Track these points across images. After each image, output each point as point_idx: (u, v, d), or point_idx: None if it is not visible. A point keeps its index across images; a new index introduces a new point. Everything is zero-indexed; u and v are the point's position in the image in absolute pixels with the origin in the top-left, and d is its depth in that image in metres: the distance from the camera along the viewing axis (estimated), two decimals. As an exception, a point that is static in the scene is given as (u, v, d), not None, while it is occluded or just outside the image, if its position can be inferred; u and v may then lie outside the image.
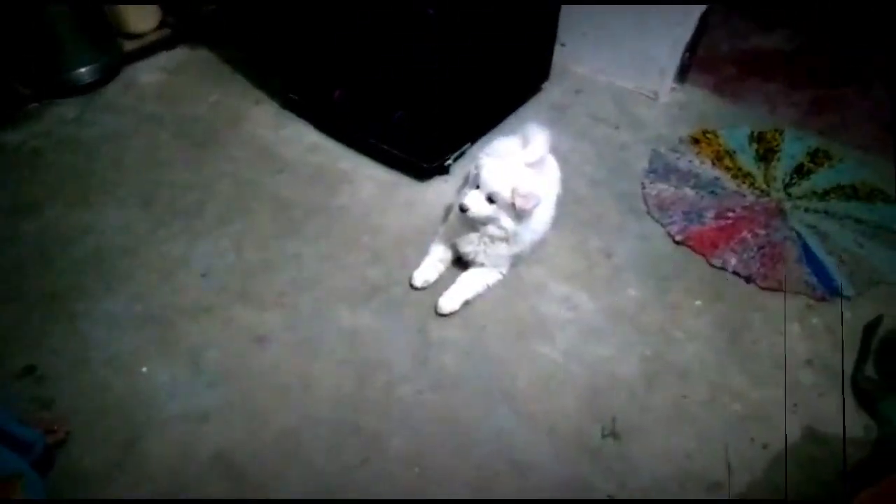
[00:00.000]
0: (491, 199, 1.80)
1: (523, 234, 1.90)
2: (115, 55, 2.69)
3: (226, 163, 2.36)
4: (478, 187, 1.82)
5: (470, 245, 1.92)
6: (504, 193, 1.78)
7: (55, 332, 1.81)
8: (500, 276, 1.98)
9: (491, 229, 1.87)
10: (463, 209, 1.81)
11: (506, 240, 1.88)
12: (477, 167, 1.86)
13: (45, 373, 1.72)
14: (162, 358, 1.77)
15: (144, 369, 1.75)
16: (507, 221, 1.83)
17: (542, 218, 1.97)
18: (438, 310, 1.89)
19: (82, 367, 1.74)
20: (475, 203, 1.81)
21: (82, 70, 2.55)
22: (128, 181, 2.27)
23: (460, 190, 2.17)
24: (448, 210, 2.16)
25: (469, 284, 1.93)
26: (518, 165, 1.86)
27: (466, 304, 1.91)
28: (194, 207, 2.18)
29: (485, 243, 1.91)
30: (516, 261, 2.00)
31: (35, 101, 2.55)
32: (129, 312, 1.87)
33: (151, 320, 1.86)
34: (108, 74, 2.66)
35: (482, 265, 1.95)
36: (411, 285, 1.95)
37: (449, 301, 1.89)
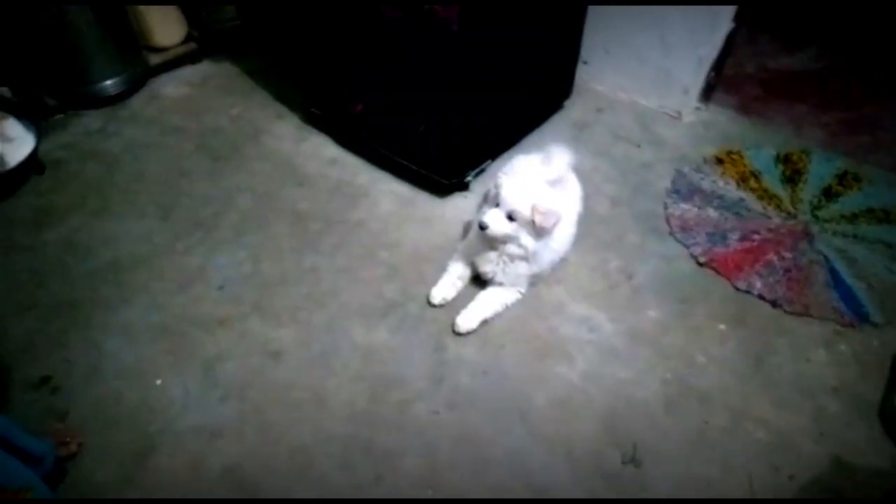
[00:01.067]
0: (511, 217, 1.78)
1: (543, 254, 1.87)
2: (140, 68, 2.73)
3: (246, 175, 2.37)
4: (497, 205, 1.80)
5: (489, 264, 1.90)
6: (524, 211, 1.76)
7: (71, 342, 1.82)
8: (518, 296, 1.95)
9: (510, 248, 1.84)
10: (482, 227, 1.79)
11: (525, 259, 1.86)
12: (497, 185, 1.84)
13: (61, 383, 1.72)
14: (176, 370, 1.76)
15: (158, 381, 1.74)
16: (527, 240, 1.81)
17: (562, 237, 1.94)
18: (456, 328, 1.86)
19: (97, 378, 1.74)
20: (495, 221, 1.79)
21: (108, 82, 2.59)
22: (148, 192, 2.28)
23: (480, 208, 2.15)
24: (467, 227, 2.14)
25: (487, 303, 1.91)
26: (538, 183, 1.84)
27: (484, 323, 1.89)
28: (213, 219, 2.19)
29: (504, 262, 1.88)
30: (535, 280, 1.97)
31: (60, 112, 2.58)
32: (145, 323, 1.87)
33: (167, 332, 1.85)
34: (133, 87, 2.69)
35: (501, 284, 1.92)
36: (429, 302, 1.93)
37: (467, 320, 1.87)
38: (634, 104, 2.75)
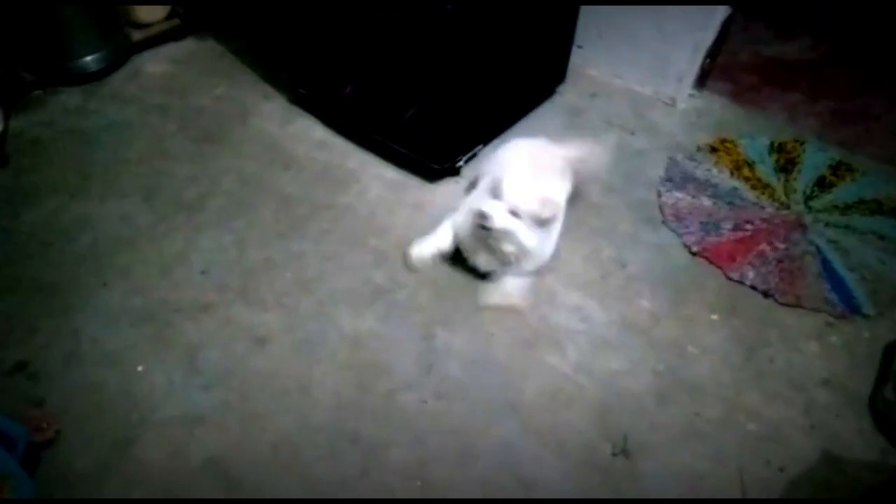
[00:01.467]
0: (514, 213, 1.68)
1: (544, 246, 1.82)
2: (122, 44, 2.64)
3: (231, 157, 2.30)
4: (496, 198, 1.70)
5: (481, 260, 1.85)
6: (528, 207, 1.67)
7: (49, 326, 1.76)
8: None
9: (505, 244, 1.74)
10: (483, 217, 1.67)
11: (518, 259, 1.78)
12: (495, 180, 1.75)
13: (38, 369, 1.67)
14: (158, 357, 1.72)
15: (140, 368, 1.69)
16: (525, 236, 1.71)
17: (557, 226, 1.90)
18: (485, 298, 1.87)
19: (76, 364, 1.69)
20: (497, 214, 1.67)
21: (88, 58, 2.50)
22: (130, 173, 2.21)
23: (467, 192, 2.10)
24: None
25: (514, 285, 1.88)
26: (538, 174, 1.78)
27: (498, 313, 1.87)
28: (197, 202, 2.13)
29: (497, 260, 1.81)
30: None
31: (39, 89, 2.50)
32: (126, 308, 1.82)
33: (148, 317, 1.80)
34: (114, 63, 2.61)
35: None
36: (405, 257, 1.91)
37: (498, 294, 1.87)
38: (629, 90, 2.71)
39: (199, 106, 2.51)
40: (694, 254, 2.05)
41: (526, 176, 1.74)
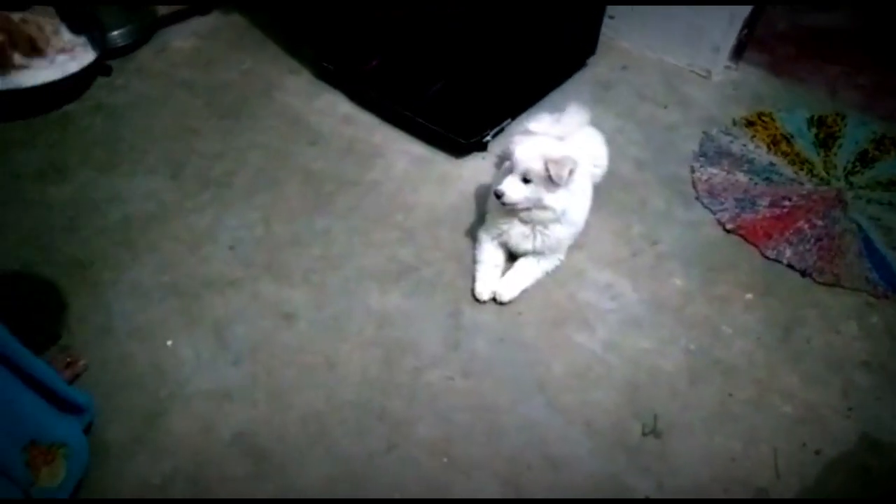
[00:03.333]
0: (526, 179, 1.71)
1: (574, 210, 1.80)
2: (148, 19, 2.63)
3: (257, 133, 2.29)
4: (512, 172, 1.72)
5: (526, 242, 1.82)
6: (537, 167, 1.68)
7: (80, 300, 1.78)
8: (558, 263, 1.88)
9: (538, 214, 1.75)
10: (498, 195, 1.71)
11: (558, 220, 1.77)
12: (508, 152, 1.76)
13: (70, 342, 1.68)
14: (187, 332, 1.73)
15: (169, 342, 1.70)
16: (550, 199, 1.72)
17: (585, 190, 1.87)
18: (498, 297, 1.80)
19: (106, 338, 1.70)
20: (510, 187, 1.71)
21: (114, 33, 2.49)
22: (157, 149, 2.22)
23: (495, 178, 2.07)
24: (479, 196, 2.07)
25: (528, 271, 1.84)
26: (546, 138, 1.77)
27: (524, 292, 1.83)
28: (223, 178, 2.13)
29: (539, 233, 1.79)
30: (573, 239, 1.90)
31: (67, 65, 2.50)
32: (155, 283, 1.83)
33: (177, 292, 1.81)
34: (140, 38, 2.60)
35: (541, 254, 1.84)
36: (475, 298, 1.81)
37: (508, 289, 1.81)
38: (661, 62, 2.63)
39: (225, 81, 2.50)
40: (728, 231, 1.99)
41: (535, 141, 1.74)
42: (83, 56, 2.29)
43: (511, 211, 1.76)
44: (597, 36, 2.54)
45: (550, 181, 1.69)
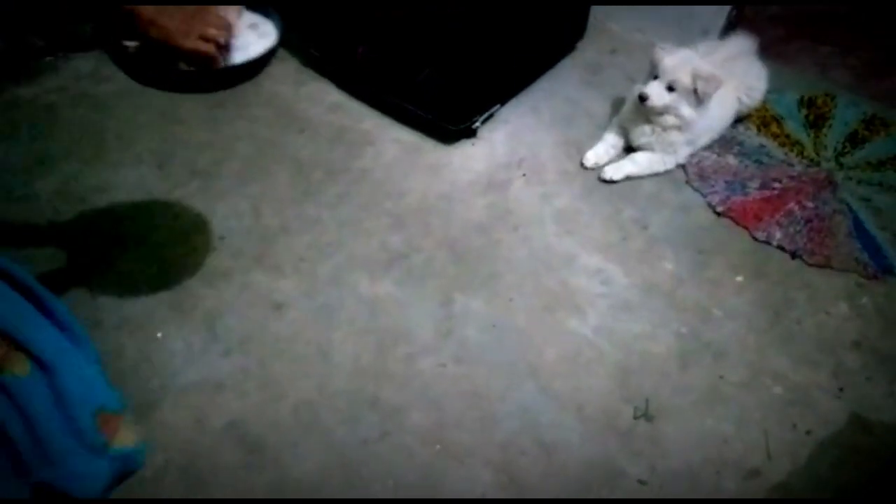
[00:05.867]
0: (671, 88, 1.90)
1: (699, 123, 1.98)
2: (131, 7, 2.59)
3: (244, 122, 2.27)
4: (656, 77, 1.91)
5: (643, 136, 2.03)
6: (685, 80, 1.86)
7: (69, 293, 1.76)
8: (670, 167, 2.07)
9: (667, 119, 1.95)
10: (642, 98, 1.90)
11: (679, 128, 1.96)
12: (656, 60, 1.93)
13: (58, 336, 1.67)
14: (177, 323, 1.71)
15: (159, 334, 1.69)
16: (685, 110, 1.91)
17: (721, 113, 2.07)
18: (602, 175, 2.03)
19: (96, 331, 1.69)
20: (655, 92, 1.90)
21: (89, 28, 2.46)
22: (144, 139, 2.19)
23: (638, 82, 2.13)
24: (617, 103, 2.26)
25: (637, 161, 2.04)
26: (696, 55, 1.97)
27: (627, 179, 2.04)
28: (211, 167, 2.11)
29: (657, 133, 2.00)
30: (691, 148, 2.09)
31: (50, 55, 2.46)
32: (144, 275, 1.81)
33: (166, 284, 1.80)
34: (124, 28, 2.56)
35: (653, 150, 2.05)
36: (581, 164, 2.08)
37: (615, 170, 2.02)
38: (651, 45, 2.60)
39: (211, 70, 2.47)
40: (719, 214, 1.99)
41: (686, 55, 1.93)
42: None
43: (643, 110, 1.96)
44: (586, 19, 2.52)
45: (694, 95, 1.87)
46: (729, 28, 2.53)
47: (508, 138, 2.22)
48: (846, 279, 1.85)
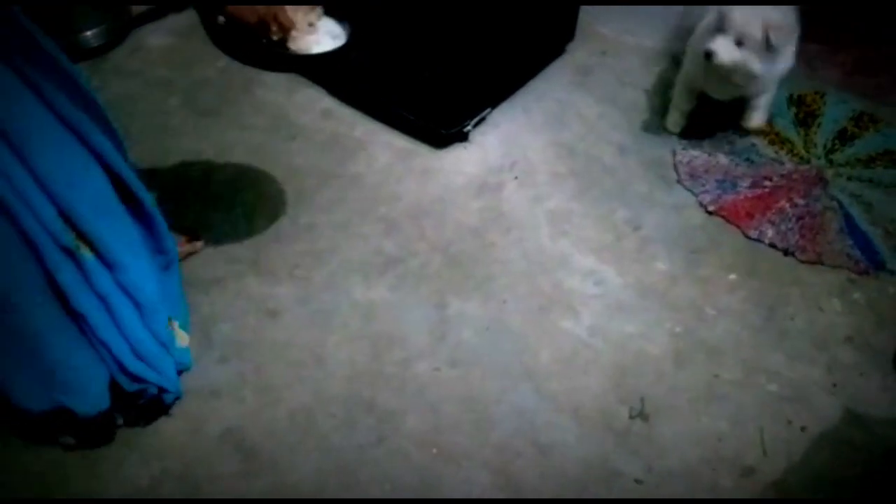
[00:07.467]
0: (739, 42, 1.74)
1: (773, 79, 1.94)
2: (122, 17, 2.59)
3: (237, 129, 2.27)
4: (720, 31, 1.75)
5: (724, 92, 1.97)
6: (755, 32, 1.72)
7: (63, 304, 1.76)
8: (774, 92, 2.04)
9: (738, 77, 1.83)
10: (708, 55, 1.75)
11: (753, 83, 1.89)
12: (721, 14, 1.79)
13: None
14: (172, 331, 1.72)
15: (154, 343, 1.69)
16: (756, 65, 1.79)
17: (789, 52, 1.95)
18: (749, 124, 2.03)
19: (90, 341, 1.69)
20: (722, 48, 1.74)
21: (88, 33, 2.46)
22: (136, 149, 2.17)
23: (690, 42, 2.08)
24: (674, 62, 2.25)
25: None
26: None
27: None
28: (204, 176, 2.11)
29: (735, 85, 1.91)
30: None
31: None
32: (138, 284, 1.81)
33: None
34: (115, 37, 2.56)
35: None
36: (664, 128, 2.16)
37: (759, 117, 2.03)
38: (640, 46, 2.62)
39: (203, 78, 2.47)
40: (710, 213, 2.00)
41: (755, 8, 1.78)
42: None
43: (709, 68, 1.82)
44: (575, 21, 2.53)
45: (767, 47, 1.73)
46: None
47: (500, 141, 2.23)
48: (838, 275, 1.86)
